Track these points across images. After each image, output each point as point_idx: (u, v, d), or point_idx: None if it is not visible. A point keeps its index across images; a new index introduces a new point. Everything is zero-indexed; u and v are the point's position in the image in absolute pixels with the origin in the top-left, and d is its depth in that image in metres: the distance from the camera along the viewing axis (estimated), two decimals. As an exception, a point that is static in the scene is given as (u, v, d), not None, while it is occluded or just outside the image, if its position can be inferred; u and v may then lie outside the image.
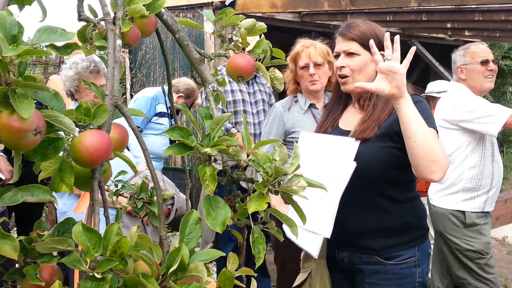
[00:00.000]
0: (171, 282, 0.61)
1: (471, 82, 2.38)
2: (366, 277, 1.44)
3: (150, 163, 0.77)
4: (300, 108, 2.20)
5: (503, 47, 6.95)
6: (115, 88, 0.72)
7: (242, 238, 2.90)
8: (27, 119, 0.51)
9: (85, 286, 0.55)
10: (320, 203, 1.35)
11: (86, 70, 1.99)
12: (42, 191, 0.56)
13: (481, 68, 2.36)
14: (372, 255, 1.41)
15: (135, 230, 0.59)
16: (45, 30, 0.56)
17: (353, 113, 1.52)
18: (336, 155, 1.39)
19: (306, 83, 2.17)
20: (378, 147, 1.38)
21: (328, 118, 1.58)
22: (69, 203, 1.96)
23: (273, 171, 0.73)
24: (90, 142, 0.59)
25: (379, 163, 1.38)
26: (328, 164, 1.39)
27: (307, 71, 2.14)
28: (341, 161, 1.36)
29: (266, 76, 0.96)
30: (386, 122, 1.40)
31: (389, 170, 1.38)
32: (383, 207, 1.41)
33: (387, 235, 1.41)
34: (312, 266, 1.52)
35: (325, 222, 1.35)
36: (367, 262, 1.43)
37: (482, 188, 2.34)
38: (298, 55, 2.15)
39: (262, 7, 3.45)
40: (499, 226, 4.77)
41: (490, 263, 2.35)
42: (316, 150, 1.46)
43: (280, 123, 2.18)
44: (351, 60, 1.45)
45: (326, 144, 1.46)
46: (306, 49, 2.14)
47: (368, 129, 1.39)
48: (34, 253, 0.64)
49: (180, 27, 0.94)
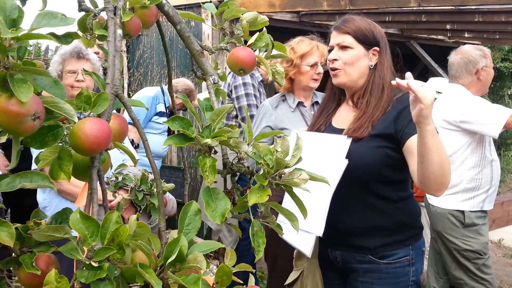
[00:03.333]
0: (169, 273, 0.60)
1: (485, 84, 2.37)
2: (359, 276, 1.42)
3: (150, 154, 0.76)
4: (288, 106, 2.20)
5: (503, 49, 6.98)
6: (115, 77, 0.71)
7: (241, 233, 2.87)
8: (25, 103, 0.50)
9: (82, 275, 0.54)
10: (312, 202, 1.33)
11: (67, 52, 1.97)
12: (41, 177, 0.55)
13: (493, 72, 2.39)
14: (365, 254, 1.40)
15: (134, 218, 0.58)
16: (45, 15, 0.55)
17: (346, 111, 1.51)
18: (328, 153, 1.38)
19: (309, 80, 2.17)
20: (371, 146, 1.36)
21: (321, 116, 1.56)
22: (49, 198, 1.95)
23: (274, 163, 0.72)
24: (90, 130, 0.58)
25: (372, 163, 1.36)
26: (320, 162, 1.37)
27: (314, 69, 2.15)
28: (333, 159, 1.35)
29: (268, 69, 0.95)
30: (380, 121, 1.37)
31: (382, 170, 1.37)
32: (376, 206, 1.40)
33: (380, 234, 1.40)
34: (304, 265, 1.51)
35: (317, 221, 1.34)
36: (360, 261, 1.41)
37: (482, 187, 2.35)
38: (309, 52, 2.15)
39: (260, 7, 3.44)
40: (496, 228, 4.78)
41: (487, 263, 2.36)
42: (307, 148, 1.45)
43: (268, 122, 2.18)
44: (344, 53, 1.43)
45: (317, 142, 1.44)
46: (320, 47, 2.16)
47: (361, 128, 1.38)
48: (31, 242, 0.63)
49: (181, 19, 0.93)
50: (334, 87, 1.54)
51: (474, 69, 2.36)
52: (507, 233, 4.70)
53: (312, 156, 1.39)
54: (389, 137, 1.35)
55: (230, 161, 0.81)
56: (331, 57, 1.46)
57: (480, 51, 2.38)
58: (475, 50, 2.39)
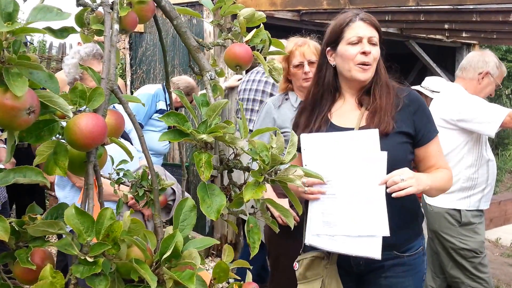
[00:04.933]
0: (164, 268, 0.60)
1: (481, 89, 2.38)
2: (383, 272, 1.43)
3: (146, 149, 0.76)
4: (291, 105, 2.20)
5: (501, 49, 6.98)
6: (111, 72, 0.71)
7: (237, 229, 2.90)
8: (20, 97, 0.50)
9: (77, 271, 0.54)
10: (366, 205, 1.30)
11: (90, 55, 1.97)
12: (34, 172, 0.55)
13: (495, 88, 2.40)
14: (391, 251, 1.40)
15: (128, 214, 0.58)
16: (41, 9, 0.55)
17: (348, 108, 1.47)
18: (361, 149, 1.31)
19: (300, 80, 2.17)
20: (398, 142, 1.37)
21: (315, 116, 1.48)
22: (70, 195, 1.94)
23: (269, 160, 0.72)
24: (85, 125, 0.58)
25: (402, 158, 1.37)
26: (356, 160, 1.31)
27: (301, 69, 2.14)
28: (368, 154, 1.30)
29: (265, 66, 0.95)
30: (399, 118, 1.39)
31: (407, 165, 1.38)
32: (402, 202, 1.38)
33: (405, 229, 1.40)
34: (321, 274, 1.44)
35: (379, 221, 1.28)
36: (385, 259, 1.40)
37: (478, 186, 2.36)
38: (291, 53, 2.15)
39: (262, 5, 3.44)
40: (493, 228, 4.80)
41: (484, 262, 2.37)
42: (330, 151, 1.36)
43: (271, 120, 2.19)
44: (374, 48, 1.39)
45: (343, 141, 1.35)
46: (300, 47, 2.14)
47: (383, 123, 1.36)
48: (27, 237, 0.63)
49: (178, 14, 0.93)
50: (325, 85, 1.47)
51: (481, 70, 2.37)
52: (505, 232, 4.72)
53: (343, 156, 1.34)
54: (410, 135, 1.41)
55: (226, 157, 0.81)
56: (367, 49, 1.37)
57: (498, 63, 2.39)
58: (494, 58, 2.40)
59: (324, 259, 1.46)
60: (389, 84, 1.45)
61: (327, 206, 1.35)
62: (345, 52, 1.40)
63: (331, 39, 1.45)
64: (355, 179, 1.31)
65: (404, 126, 1.40)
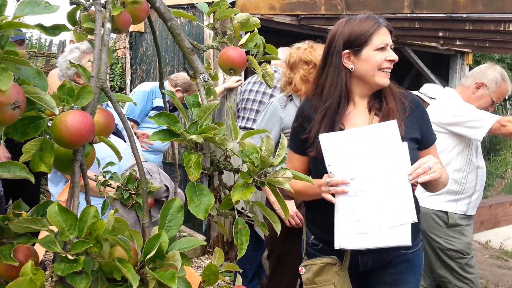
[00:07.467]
0: (147, 268, 0.60)
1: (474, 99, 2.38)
2: (388, 269, 1.47)
3: (136, 149, 0.75)
4: (295, 106, 2.22)
5: (493, 58, 7.06)
6: (101, 71, 0.70)
7: (228, 233, 2.92)
8: (5, 92, 0.49)
9: (58, 268, 0.53)
10: (395, 196, 1.33)
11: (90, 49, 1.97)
12: (18, 168, 0.54)
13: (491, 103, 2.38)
14: (399, 248, 1.43)
15: (112, 213, 0.57)
16: (28, 3, 0.55)
17: (359, 114, 1.47)
18: (381, 143, 1.33)
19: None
20: (410, 148, 1.37)
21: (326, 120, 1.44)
22: None
23: (259, 162, 0.72)
24: (72, 122, 0.58)
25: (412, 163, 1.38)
26: (379, 155, 1.32)
27: None
28: (391, 147, 1.32)
29: (258, 71, 0.95)
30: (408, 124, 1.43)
31: None
32: None
33: (412, 228, 1.40)
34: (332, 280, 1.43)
35: (408, 209, 1.32)
36: (393, 256, 1.47)
37: (466, 192, 2.39)
38: None
39: (261, 9, 3.46)
40: (483, 230, 4.86)
41: (470, 263, 2.40)
42: (352, 148, 1.35)
43: (278, 120, 2.20)
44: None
45: (361, 137, 1.35)
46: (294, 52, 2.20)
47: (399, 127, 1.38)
48: (11, 234, 0.62)
49: (172, 16, 0.93)
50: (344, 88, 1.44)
51: (478, 80, 2.37)
52: (495, 235, 4.78)
53: (366, 151, 1.34)
54: (418, 140, 1.47)
55: (217, 159, 0.80)
56: (395, 58, 1.43)
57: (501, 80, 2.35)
58: (497, 74, 2.36)
59: (336, 265, 1.45)
60: (392, 88, 1.49)
61: (357, 204, 1.34)
62: (373, 57, 1.40)
63: (355, 42, 1.42)
64: (382, 173, 1.33)
65: (414, 132, 1.45)
